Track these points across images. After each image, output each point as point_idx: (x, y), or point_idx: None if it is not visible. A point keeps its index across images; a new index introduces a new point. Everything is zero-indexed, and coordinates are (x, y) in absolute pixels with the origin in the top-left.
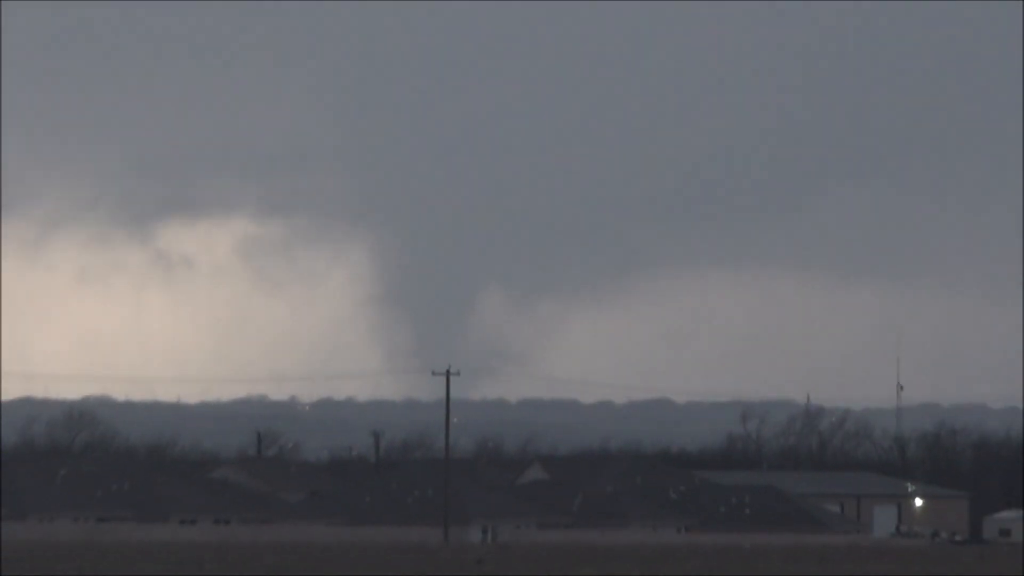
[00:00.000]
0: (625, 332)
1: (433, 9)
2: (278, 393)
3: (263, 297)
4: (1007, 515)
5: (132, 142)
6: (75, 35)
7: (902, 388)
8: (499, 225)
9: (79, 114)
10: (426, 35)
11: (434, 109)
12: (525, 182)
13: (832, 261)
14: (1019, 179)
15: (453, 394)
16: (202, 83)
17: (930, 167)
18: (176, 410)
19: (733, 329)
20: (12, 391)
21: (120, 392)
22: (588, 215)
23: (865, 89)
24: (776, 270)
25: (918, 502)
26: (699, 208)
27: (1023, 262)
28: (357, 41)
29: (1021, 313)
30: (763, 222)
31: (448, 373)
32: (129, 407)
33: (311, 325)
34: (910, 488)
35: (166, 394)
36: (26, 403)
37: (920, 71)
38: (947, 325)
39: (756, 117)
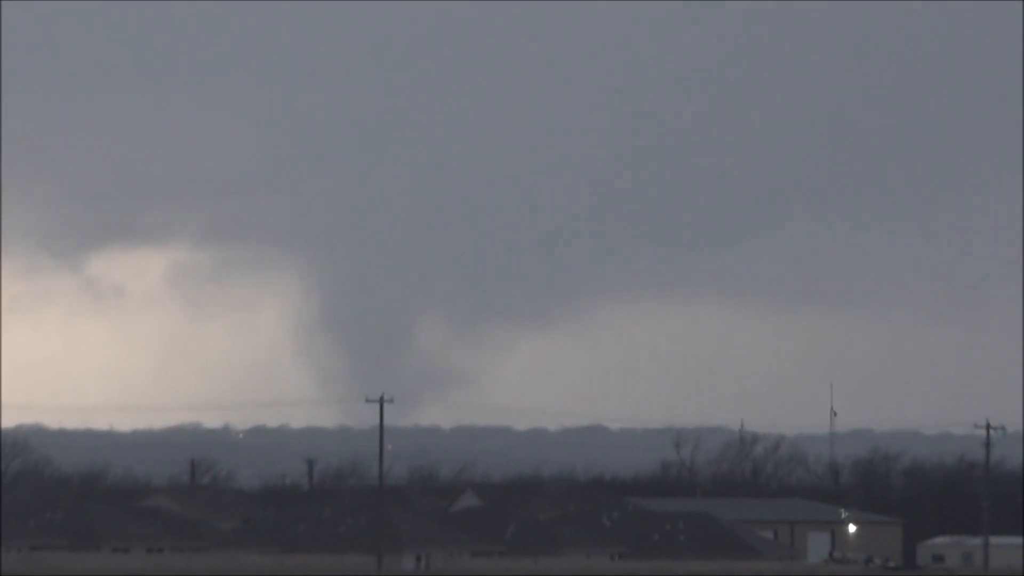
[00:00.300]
0: (559, 359)
1: (364, 36)
2: (211, 421)
3: (196, 325)
4: (940, 541)
5: (64, 171)
6: (4, 64)
7: (835, 414)
8: (433, 252)
9: (8, 144)
10: (358, 61)
11: (370, 132)
12: (461, 208)
13: (766, 289)
14: (953, 202)
15: (387, 421)
16: (135, 111)
17: (860, 196)
18: (109, 438)
19: (667, 356)
20: None
21: (53, 420)
22: (525, 242)
23: (800, 123)
24: (710, 298)
25: (851, 528)
26: (635, 236)
27: None
28: (290, 67)
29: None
30: (698, 251)
31: (382, 400)
32: (62, 435)
33: (244, 353)
34: (843, 514)
35: (99, 422)
36: None
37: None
38: (880, 352)
39: (696, 150)
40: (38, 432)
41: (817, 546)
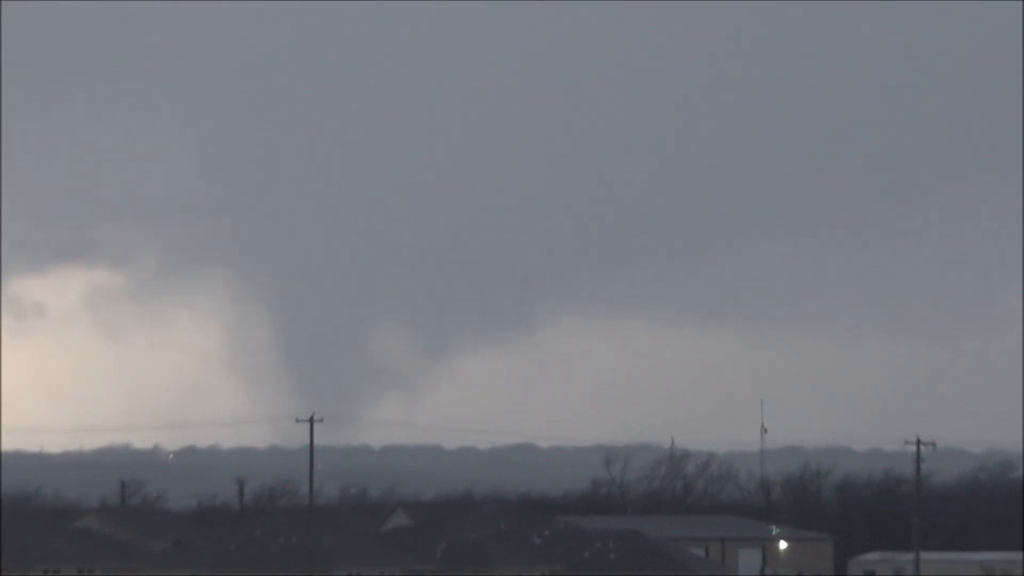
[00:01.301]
0: (489, 377)
1: (300, 54)
2: (141, 442)
3: (123, 345)
4: (871, 557)
5: None
6: None
7: (766, 431)
8: (367, 273)
9: None
10: (290, 77)
11: (305, 144)
12: (395, 229)
13: (695, 307)
14: (880, 214)
15: (317, 441)
16: (59, 131)
17: (783, 213)
18: (39, 460)
19: (596, 373)
20: None
21: None
22: (456, 263)
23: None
24: (639, 316)
25: (783, 545)
26: (567, 256)
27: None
28: (219, 83)
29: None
30: (628, 271)
31: (312, 420)
32: None
33: (174, 372)
34: (774, 531)
35: (28, 444)
36: None
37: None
38: (810, 368)
39: (620, 173)
40: None
41: (748, 563)
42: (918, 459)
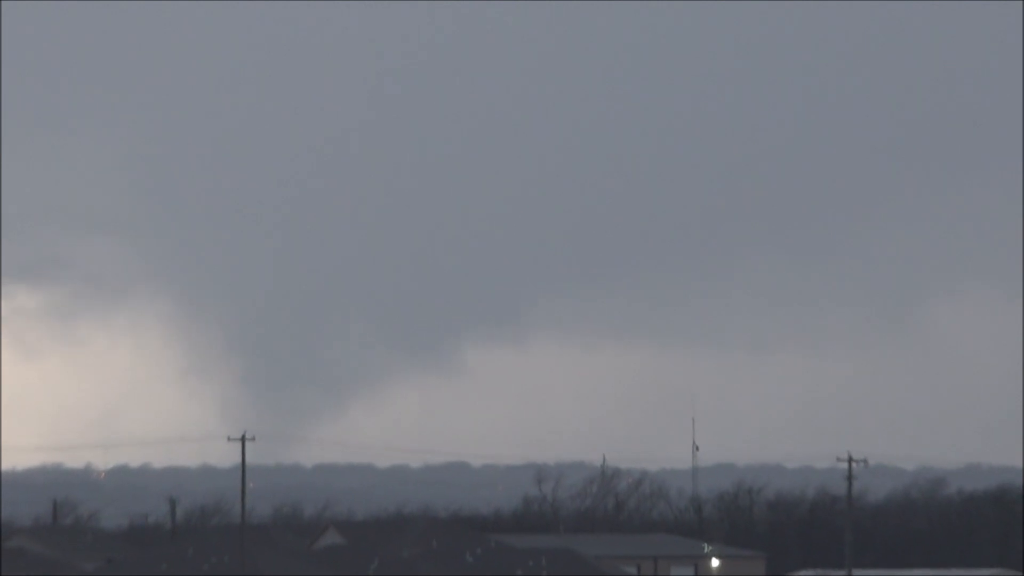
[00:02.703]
0: (420, 396)
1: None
2: (73, 461)
3: (52, 365)
4: (804, 574)
5: None
6: None
7: (698, 448)
8: (299, 288)
9: None
10: (208, 94)
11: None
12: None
13: (626, 326)
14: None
15: (249, 460)
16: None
17: (712, 235)
18: None
19: (528, 392)
20: None
21: None
22: (385, 279)
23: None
24: (571, 336)
25: (715, 562)
26: (496, 274)
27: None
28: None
29: (814, 372)
30: (560, 291)
31: (244, 439)
32: None
33: (104, 392)
34: (706, 548)
35: None
36: None
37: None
38: (742, 385)
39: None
40: None
41: None
42: (850, 476)
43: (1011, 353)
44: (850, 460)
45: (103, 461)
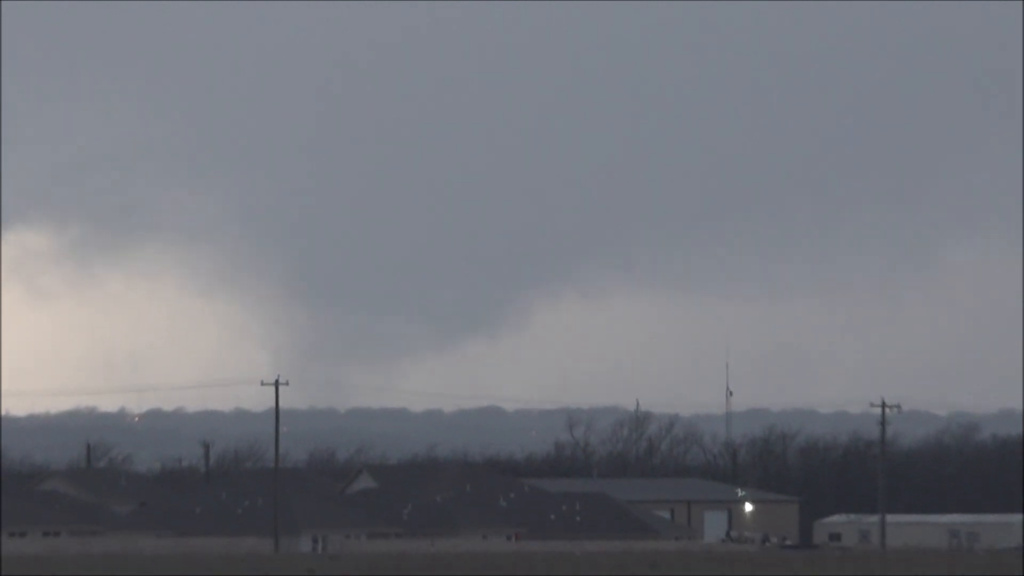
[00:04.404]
0: (454, 341)
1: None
2: (107, 405)
3: (88, 309)
4: (837, 519)
5: None
6: None
7: (731, 394)
8: (336, 236)
9: None
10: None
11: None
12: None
13: (662, 272)
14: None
15: (283, 404)
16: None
17: (750, 188)
18: (5, 423)
19: (562, 337)
20: None
21: None
22: (425, 231)
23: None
24: (606, 281)
25: (748, 507)
26: (536, 223)
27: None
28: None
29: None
30: (597, 239)
31: (277, 383)
32: None
33: (139, 336)
34: (740, 493)
35: None
36: None
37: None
38: (776, 332)
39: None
40: None
41: (714, 525)
42: (883, 421)
43: None
44: (883, 406)
45: (137, 405)
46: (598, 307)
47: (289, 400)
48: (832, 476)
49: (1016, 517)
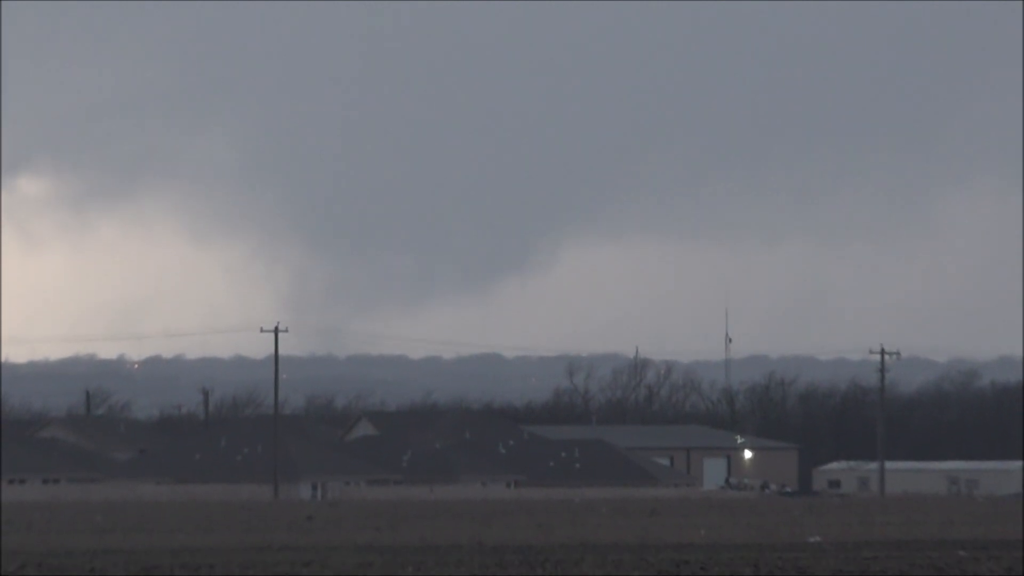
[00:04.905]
0: (454, 288)
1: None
2: (106, 352)
3: (85, 256)
4: (836, 466)
5: None
6: None
7: (731, 340)
8: (330, 182)
9: None
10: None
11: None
12: (386, 145)
13: (661, 220)
14: (846, 131)
15: (282, 351)
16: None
17: (753, 132)
18: (4, 369)
19: (561, 284)
20: None
21: None
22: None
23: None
24: (605, 229)
25: (747, 454)
26: (539, 168)
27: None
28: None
29: (847, 265)
30: (598, 188)
31: (276, 330)
32: None
33: (137, 284)
34: (739, 440)
35: None
36: None
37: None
38: (775, 279)
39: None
40: None
41: (713, 472)
42: (882, 368)
43: None
44: (883, 352)
45: (136, 352)
46: (598, 255)
47: (288, 347)
48: (831, 423)
49: (1015, 464)
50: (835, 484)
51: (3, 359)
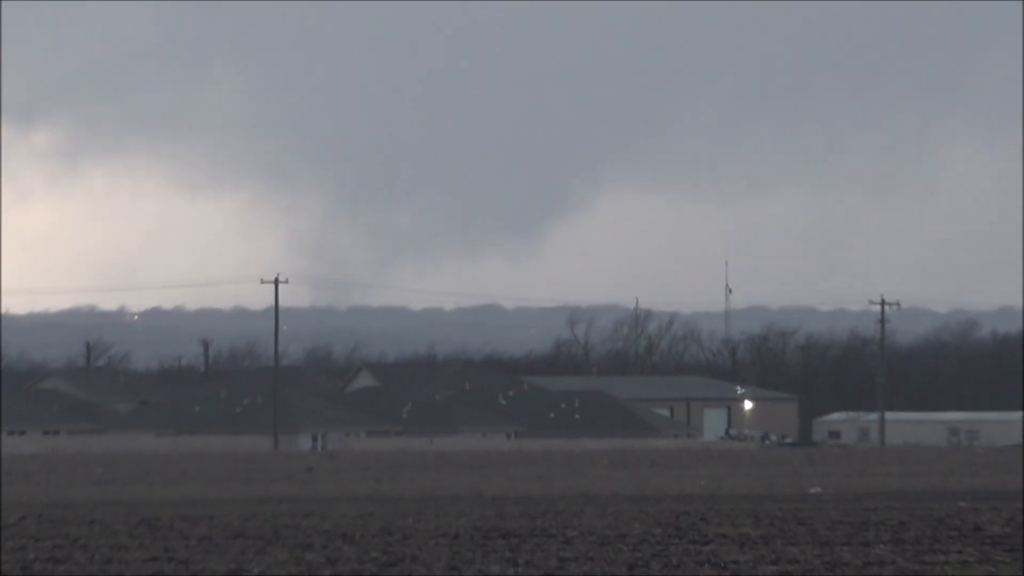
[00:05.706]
0: (455, 238)
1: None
2: (106, 303)
3: (85, 207)
4: (836, 417)
5: None
6: None
7: (731, 291)
8: (325, 133)
9: None
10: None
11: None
12: (369, 110)
13: (661, 170)
14: (845, 80)
15: (282, 302)
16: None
17: (753, 82)
18: (3, 321)
19: (561, 236)
20: None
21: None
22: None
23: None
24: (605, 180)
25: (747, 405)
26: (544, 119)
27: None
28: None
29: (847, 215)
30: (599, 139)
31: (276, 281)
32: None
33: (137, 235)
34: (739, 391)
35: None
36: None
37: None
38: (775, 229)
39: (605, 51)
40: None
41: (713, 423)
42: (883, 319)
43: None
44: (883, 303)
45: (136, 303)
46: (599, 206)
47: (289, 298)
48: (831, 374)
49: (1015, 414)
50: (835, 435)
51: (3, 311)
